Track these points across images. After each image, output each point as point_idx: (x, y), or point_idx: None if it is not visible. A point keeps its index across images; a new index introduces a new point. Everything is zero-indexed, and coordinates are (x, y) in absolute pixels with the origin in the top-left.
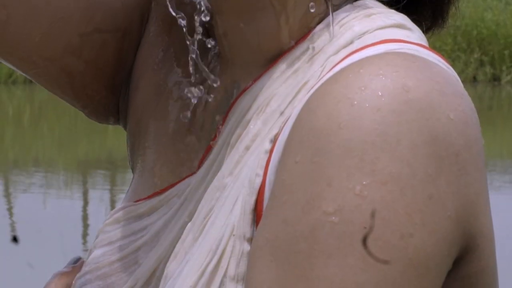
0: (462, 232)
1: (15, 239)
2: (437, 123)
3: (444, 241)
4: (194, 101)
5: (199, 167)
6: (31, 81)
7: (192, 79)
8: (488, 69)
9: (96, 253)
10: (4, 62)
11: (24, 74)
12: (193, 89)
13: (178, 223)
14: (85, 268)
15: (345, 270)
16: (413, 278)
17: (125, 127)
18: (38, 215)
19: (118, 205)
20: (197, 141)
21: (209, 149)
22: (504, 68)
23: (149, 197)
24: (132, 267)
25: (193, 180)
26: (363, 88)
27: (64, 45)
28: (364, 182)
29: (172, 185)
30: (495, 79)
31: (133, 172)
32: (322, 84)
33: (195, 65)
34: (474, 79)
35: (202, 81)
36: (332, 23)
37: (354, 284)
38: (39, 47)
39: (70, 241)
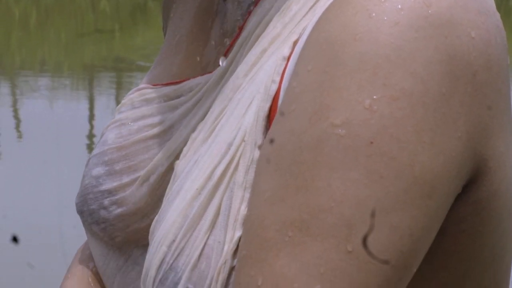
0: (473, 154)
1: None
2: (456, 41)
3: (452, 162)
4: None
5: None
6: None
7: None
8: None
9: (108, 135)
10: None
11: None
12: None
13: (193, 120)
14: (95, 150)
15: (347, 184)
16: (417, 197)
17: None
18: (44, 117)
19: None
20: (221, 39)
21: (230, 48)
22: None
23: (165, 84)
24: (140, 157)
25: (212, 77)
26: (383, 0)
27: None
28: (374, 97)
29: (189, 79)
30: None
31: (164, 34)
32: None
33: None
34: None
35: None
36: None
37: (355, 198)
38: None
39: (75, 143)
